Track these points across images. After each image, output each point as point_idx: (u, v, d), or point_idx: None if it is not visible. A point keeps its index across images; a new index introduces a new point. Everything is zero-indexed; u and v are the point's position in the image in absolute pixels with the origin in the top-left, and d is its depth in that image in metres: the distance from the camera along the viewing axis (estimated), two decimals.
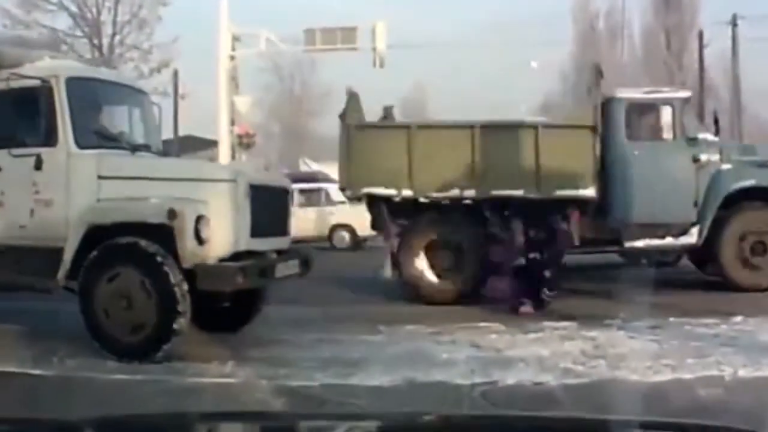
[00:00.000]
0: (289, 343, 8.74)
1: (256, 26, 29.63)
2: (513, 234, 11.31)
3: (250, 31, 29.60)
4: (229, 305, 8.99)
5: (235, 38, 29.57)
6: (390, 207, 12.38)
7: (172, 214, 7.76)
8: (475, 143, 12.03)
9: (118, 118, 9.24)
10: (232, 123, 29.48)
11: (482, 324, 9.47)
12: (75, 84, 8.37)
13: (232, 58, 29.37)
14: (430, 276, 12.04)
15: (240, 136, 29.33)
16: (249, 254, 8.21)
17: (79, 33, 35.22)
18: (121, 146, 8.71)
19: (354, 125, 12.51)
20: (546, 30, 65.37)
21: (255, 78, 50.49)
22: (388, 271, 12.53)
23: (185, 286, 7.81)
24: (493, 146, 12.04)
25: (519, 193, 11.88)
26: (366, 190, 12.38)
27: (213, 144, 31.12)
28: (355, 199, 13.20)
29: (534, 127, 12.30)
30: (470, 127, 12.22)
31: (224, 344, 8.59)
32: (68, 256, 8.07)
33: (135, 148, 8.82)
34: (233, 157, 29.17)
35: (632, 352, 7.83)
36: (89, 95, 8.66)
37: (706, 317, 9.59)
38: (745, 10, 35.79)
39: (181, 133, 36.86)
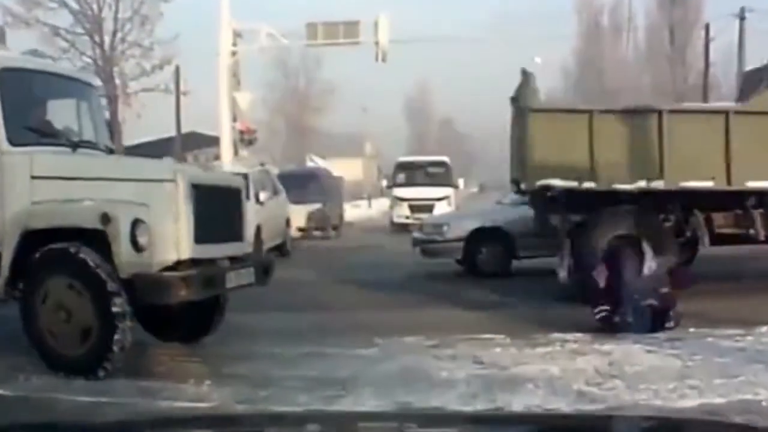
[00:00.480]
0: (273, 358, 7.86)
1: (258, 21, 29.14)
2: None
3: (251, 26, 29.04)
4: (187, 314, 8.11)
5: (238, 35, 29.07)
6: (564, 202, 10.98)
7: (105, 218, 6.92)
8: (663, 130, 10.72)
9: (60, 113, 8.18)
10: (234, 119, 28.94)
11: (485, 336, 8.55)
12: (9, 75, 7.45)
13: (234, 53, 28.83)
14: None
15: (241, 132, 28.79)
16: (197, 262, 7.32)
17: (80, 30, 34.48)
18: (61, 143, 7.76)
19: (531, 108, 11.00)
20: (550, 26, 64.31)
21: (260, 75, 50.07)
22: (563, 273, 10.81)
23: (124, 297, 6.98)
24: (681, 133, 10.76)
25: (708, 184, 10.76)
26: (543, 182, 10.87)
27: (216, 140, 30.61)
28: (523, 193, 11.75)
29: (725, 112, 11.07)
30: (657, 112, 10.97)
31: (204, 360, 7.77)
32: (5, 263, 7.24)
33: (77, 146, 7.86)
34: (235, 153, 28.57)
35: (652, 371, 6.92)
36: (25, 88, 7.72)
37: (728, 327, 8.65)
38: (749, 3, 34.27)
39: (185, 129, 36.18)
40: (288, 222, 17.56)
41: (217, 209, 7.65)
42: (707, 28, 37.36)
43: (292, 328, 9.36)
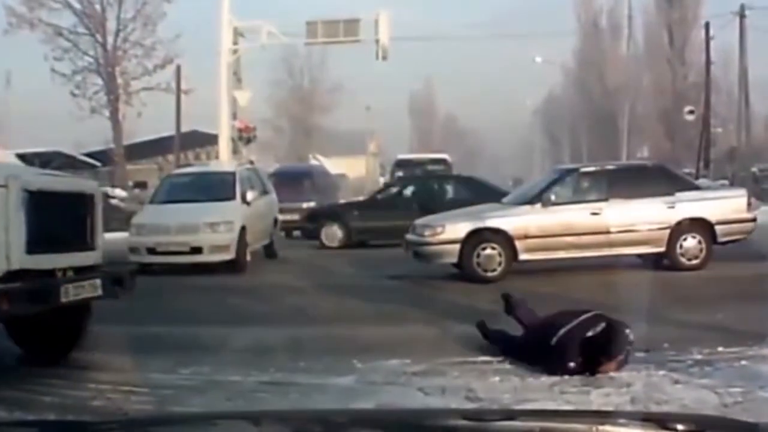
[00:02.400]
0: (229, 389, 6.33)
1: (260, 20, 27.94)
2: None
3: (252, 23, 27.89)
4: (52, 327, 7.17)
5: (240, 33, 27.98)
6: None
7: None
8: None
9: None
10: (234, 117, 27.73)
11: (481, 358, 6.99)
12: None
13: (235, 52, 27.63)
14: None
15: (240, 131, 27.63)
16: (30, 274, 6.43)
17: (83, 30, 33.35)
18: None
19: None
20: (550, 25, 63.01)
21: (265, 74, 48.79)
22: None
23: None
24: None
25: None
26: None
27: (216, 139, 29.37)
28: None
29: None
30: None
31: (142, 392, 6.23)
32: None
33: None
34: (234, 151, 27.35)
35: (684, 411, 5.35)
36: None
37: (760, 344, 7.07)
38: (748, 1, 32.72)
39: (187, 128, 34.99)
40: (276, 222, 16.00)
41: (59, 217, 6.89)
42: (707, 26, 35.76)
43: (261, 346, 7.79)
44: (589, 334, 6.47)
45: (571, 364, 6.32)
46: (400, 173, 25.13)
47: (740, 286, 10.25)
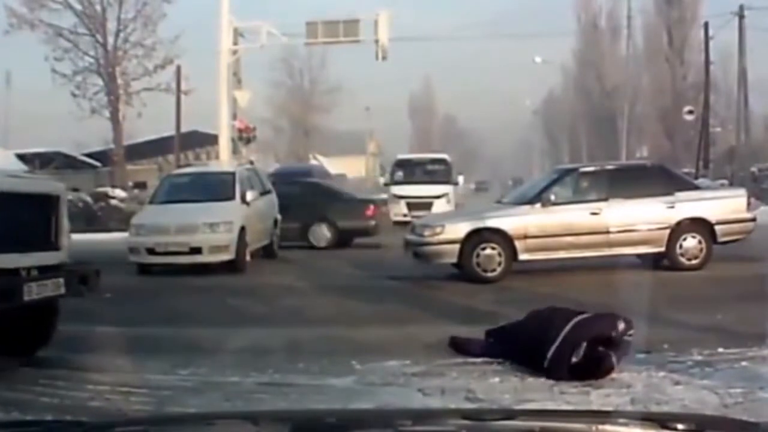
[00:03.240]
0: (225, 389, 6.29)
1: (260, 20, 27.94)
2: None
3: (252, 24, 27.85)
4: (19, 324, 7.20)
5: (240, 34, 27.89)
6: None
7: None
8: None
9: None
10: (234, 117, 27.70)
11: (481, 359, 6.94)
12: None
13: (234, 52, 27.58)
14: None
15: (240, 131, 27.59)
16: None
17: (83, 30, 33.24)
18: None
19: None
20: (550, 25, 63.08)
21: (265, 74, 48.76)
22: None
23: None
24: None
25: None
26: None
27: (216, 139, 29.30)
28: None
29: None
30: None
31: (140, 393, 6.19)
32: None
33: None
34: (234, 151, 27.33)
35: (685, 411, 5.31)
36: None
37: (760, 345, 7.03)
38: (746, 1, 32.66)
39: (187, 128, 34.95)
40: (276, 223, 15.94)
41: (23, 218, 6.98)
42: (706, 26, 35.71)
43: (259, 347, 7.74)
44: (598, 334, 6.39)
45: (574, 359, 6.25)
46: (400, 173, 25.08)
47: (740, 286, 10.20)
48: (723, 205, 12.38)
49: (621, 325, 6.37)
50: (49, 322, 7.51)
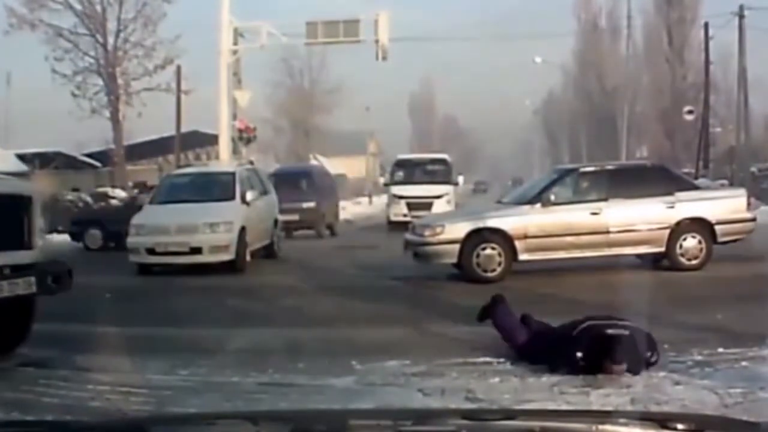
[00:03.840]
0: (225, 389, 6.29)
1: (260, 20, 27.94)
2: None
3: (252, 24, 27.84)
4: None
5: (240, 34, 27.86)
6: None
7: None
8: None
9: None
10: (234, 118, 27.69)
11: (481, 359, 6.94)
12: None
13: (235, 52, 27.57)
14: None
15: (240, 131, 27.55)
16: None
17: (83, 31, 33.28)
18: None
19: None
20: (550, 25, 63.02)
21: (265, 74, 48.72)
22: None
23: None
24: None
25: None
26: None
27: (216, 139, 29.28)
28: None
29: None
30: None
31: (140, 393, 6.19)
32: None
33: None
34: (234, 151, 27.32)
35: (684, 411, 5.31)
36: None
37: (761, 345, 7.03)
38: (746, 1, 32.63)
39: (187, 128, 34.97)
40: (276, 223, 15.94)
41: None
42: (706, 26, 35.69)
43: (259, 347, 7.77)
44: (609, 332, 6.39)
45: (579, 354, 6.24)
46: (400, 173, 25.08)
47: (740, 286, 10.21)
48: (723, 205, 12.38)
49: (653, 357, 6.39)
50: (25, 320, 7.59)
